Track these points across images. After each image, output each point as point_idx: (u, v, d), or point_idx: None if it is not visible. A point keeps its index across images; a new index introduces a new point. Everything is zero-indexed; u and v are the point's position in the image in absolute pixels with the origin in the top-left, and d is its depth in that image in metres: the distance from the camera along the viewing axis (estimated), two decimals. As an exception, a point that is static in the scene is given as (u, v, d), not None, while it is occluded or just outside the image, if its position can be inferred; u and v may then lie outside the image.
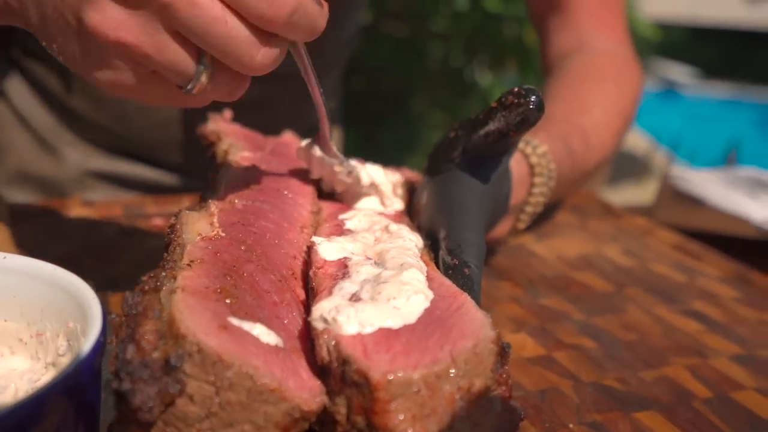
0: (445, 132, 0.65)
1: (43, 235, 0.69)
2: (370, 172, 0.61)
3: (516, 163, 0.66)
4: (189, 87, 0.44)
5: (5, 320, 0.43)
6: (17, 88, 0.95)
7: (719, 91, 11.35)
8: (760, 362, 0.63)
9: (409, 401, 0.37)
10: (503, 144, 0.58)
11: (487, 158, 0.59)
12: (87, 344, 0.35)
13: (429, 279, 0.46)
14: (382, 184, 0.62)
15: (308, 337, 0.43)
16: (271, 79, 0.95)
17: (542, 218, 0.92)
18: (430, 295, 0.43)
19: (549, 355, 0.61)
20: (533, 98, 0.52)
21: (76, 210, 0.76)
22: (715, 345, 0.66)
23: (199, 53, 0.43)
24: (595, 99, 0.81)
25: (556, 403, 0.54)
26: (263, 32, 0.42)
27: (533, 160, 0.68)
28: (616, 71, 0.87)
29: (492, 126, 0.55)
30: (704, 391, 0.58)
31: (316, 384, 0.39)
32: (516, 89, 0.54)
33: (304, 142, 0.61)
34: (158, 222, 0.76)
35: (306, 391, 0.38)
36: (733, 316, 0.72)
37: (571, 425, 0.51)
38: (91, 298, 0.39)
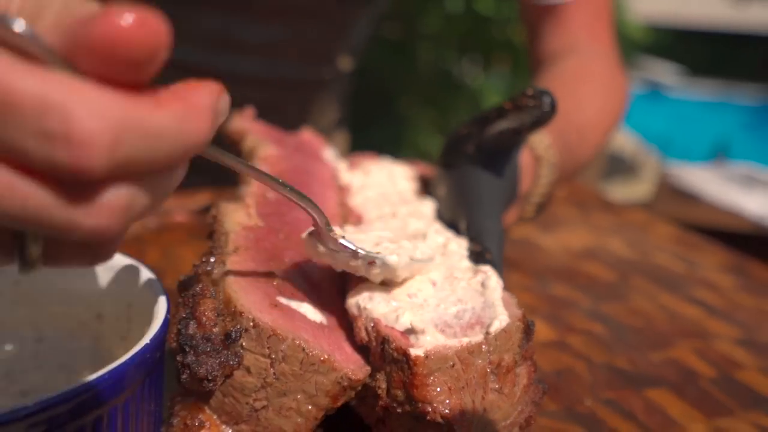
0: (456, 128, 0.68)
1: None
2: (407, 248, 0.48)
3: (522, 155, 0.70)
4: (20, 266, 0.29)
5: (66, 305, 0.46)
6: None
7: (705, 91, 11.48)
8: (760, 345, 0.67)
9: (445, 375, 0.40)
10: (515, 140, 0.61)
11: (499, 152, 0.62)
12: (157, 321, 0.38)
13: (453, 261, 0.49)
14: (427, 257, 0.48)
15: (345, 318, 0.46)
16: (276, 86, 0.98)
17: (545, 212, 0.96)
18: (460, 276, 0.46)
19: (561, 339, 0.64)
20: (547, 100, 0.55)
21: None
22: (717, 329, 0.69)
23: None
24: (589, 99, 0.85)
25: (572, 382, 0.57)
26: (82, 187, 0.26)
27: (539, 152, 0.71)
28: (607, 74, 0.90)
29: (505, 124, 0.59)
30: (709, 370, 0.61)
31: (359, 357, 0.42)
32: (530, 91, 0.57)
33: (305, 236, 0.46)
34: (179, 218, 0.79)
35: (352, 363, 0.41)
36: (732, 303, 0.75)
37: (587, 402, 0.55)
38: (152, 279, 0.42)
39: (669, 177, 1.10)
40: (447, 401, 0.39)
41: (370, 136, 3.70)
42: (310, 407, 0.40)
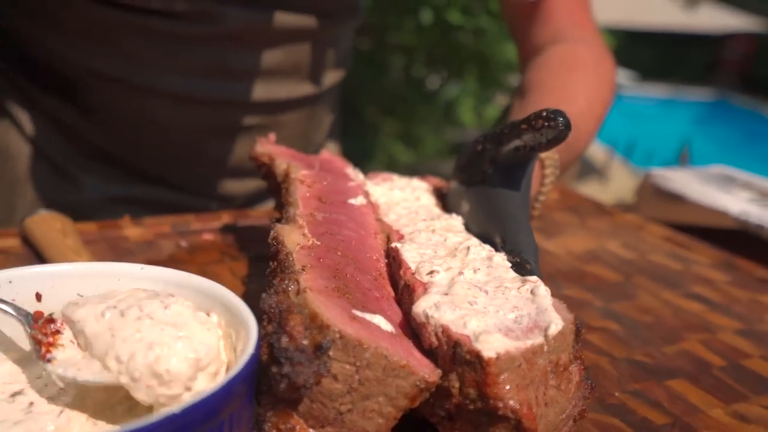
0: (468, 144, 0.72)
1: (111, 253, 0.75)
2: None
3: None
4: None
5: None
6: (32, 120, 0.98)
7: (656, 91, 11.83)
8: (760, 334, 0.73)
9: (513, 374, 0.44)
10: (531, 155, 0.66)
11: (516, 167, 0.67)
12: (252, 333, 0.42)
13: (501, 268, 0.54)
14: None
15: (407, 326, 0.50)
16: (271, 107, 1.01)
17: (545, 218, 1.01)
18: (509, 285, 0.51)
19: (583, 337, 0.69)
20: (561, 120, 0.60)
21: (129, 230, 0.81)
22: (719, 322, 0.75)
23: None
24: (579, 89, 0.89)
25: (600, 376, 0.62)
26: None
27: (543, 154, 0.76)
28: (594, 60, 0.94)
29: (520, 142, 0.63)
30: (719, 360, 0.67)
31: (428, 361, 0.46)
32: (544, 113, 0.60)
33: None
34: (208, 237, 0.82)
35: (425, 366, 0.45)
36: (729, 297, 0.82)
37: (617, 393, 0.60)
38: (232, 296, 0.46)
39: (651, 179, 1.16)
40: (516, 397, 0.44)
41: (344, 147, 3.74)
42: (390, 409, 0.44)
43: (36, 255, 0.71)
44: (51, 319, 0.45)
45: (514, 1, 1.00)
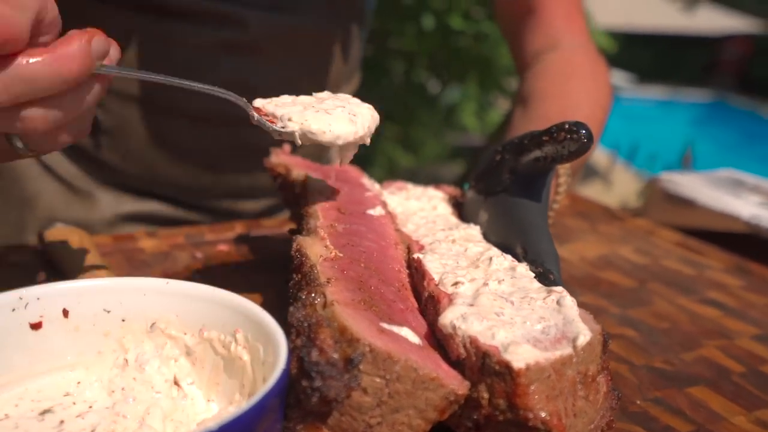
0: (486, 154, 0.73)
1: (127, 265, 0.75)
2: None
3: None
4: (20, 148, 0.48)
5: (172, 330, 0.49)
6: None
7: (655, 93, 11.85)
8: (777, 339, 0.73)
9: (543, 384, 0.44)
10: (551, 166, 0.66)
11: (535, 177, 0.67)
12: (281, 349, 0.42)
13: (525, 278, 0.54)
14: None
15: (432, 337, 0.50)
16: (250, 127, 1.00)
17: (556, 225, 1.01)
18: (535, 296, 0.51)
19: (601, 345, 0.69)
20: (584, 132, 0.60)
21: (144, 241, 0.81)
22: (736, 327, 0.75)
23: None
24: (581, 96, 0.90)
25: (621, 384, 0.62)
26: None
27: None
28: (591, 67, 0.95)
29: (541, 153, 0.63)
30: (738, 366, 0.67)
31: (456, 372, 0.46)
32: (566, 125, 0.60)
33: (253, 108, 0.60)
34: (222, 248, 0.82)
35: (453, 378, 0.45)
36: (743, 302, 0.82)
37: (638, 401, 0.60)
38: (259, 310, 0.46)
39: (660, 183, 1.16)
40: (545, 408, 0.44)
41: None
42: (419, 421, 0.44)
43: (50, 267, 0.71)
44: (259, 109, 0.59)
45: (509, 4, 1.00)
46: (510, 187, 0.67)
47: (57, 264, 0.69)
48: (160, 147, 0.96)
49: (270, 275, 0.76)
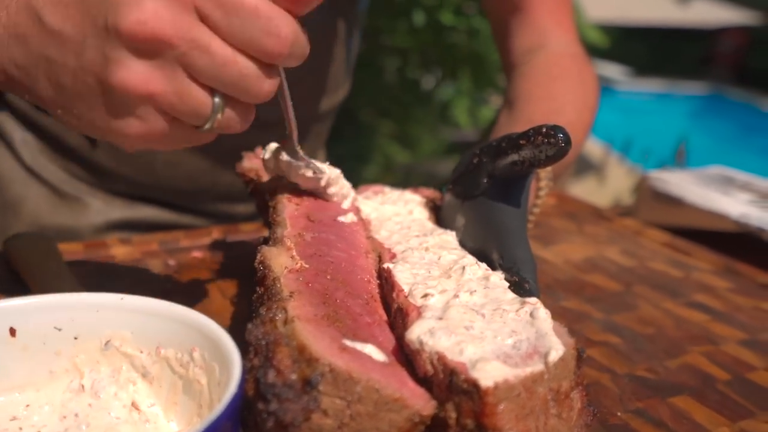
0: (464, 157, 0.70)
1: (97, 274, 0.72)
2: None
3: None
4: (207, 126, 0.48)
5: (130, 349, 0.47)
6: (28, 142, 0.94)
7: (651, 86, 11.82)
8: (765, 345, 0.71)
9: (512, 403, 0.42)
10: (529, 170, 0.64)
11: (513, 181, 0.65)
12: (235, 370, 0.39)
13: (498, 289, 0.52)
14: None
15: (400, 353, 0.48)
16: (253, 128, 0.97)
17: (542, 226, 0.99)
18: (507, 308, 0.49)
19: (583, 352, 0.67)
20: (562, 136, 0.58)
21: (116, 249, 0.79)
22: (722, 332, 0.73)
23: (212, 93, 0.47)
24: (567, 98, 0.88)
25: (602, 395, 0.60)
26: (268, 65, 0.47)
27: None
28: (578, 69, 0.94)
29: (518, 157, 0.61)
30: (723, 374, 0.65)
31: (422, 391, 0.44)
32: (543, 129, 0.58)
33: (269, 153, 0.65)
34: (197, 254, 0.80)
35: (419, 397, 0.43)
36: (731, 305, 0.80)
37: (618, 413, 0.58)
38: (216, 328, 0.44)
39: (649, 181, 1.14)
40: (514, 428, 0.42)
41: (335, 148, 3.72)
42: (383, 444, 0.42)
43: (12, 277, 0.69)
44: None
45: (495, 1, 0.98)
46: (487, 191, 0.64)
47: (20, 275, 0.67)
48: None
49: (245, 284, 0.74)
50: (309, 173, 0.63)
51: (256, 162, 0.74)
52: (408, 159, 4.37)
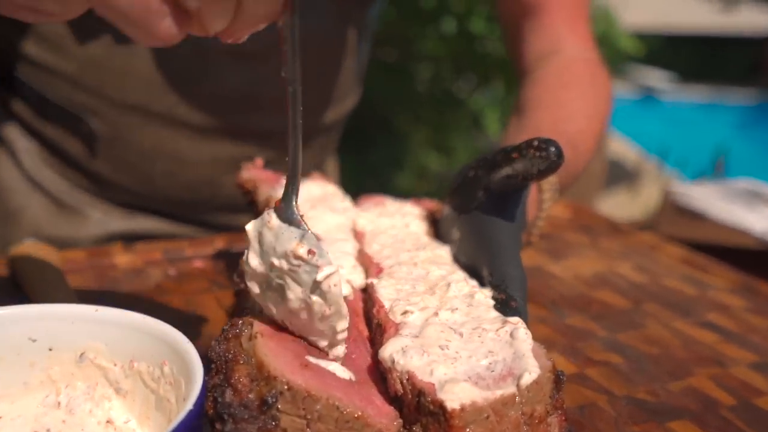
0: (462, 169, 0.69)
1: (96, 283, 0.73)
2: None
3: None
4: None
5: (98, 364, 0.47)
6: (30, 151, 0.94)
7: (697, 94, 11.58)
8: (776, 368, 0.68)
9: (480, 426, 0.41)
10: (523, 184, 0.62)
11: (509, 195, 0.63)
12: (194, 387, 0.39)
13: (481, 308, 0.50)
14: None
15: (376, 369, 0.47)
16: (252, 138, 0.96)
17: (553, 239, 0.97)
18: (488, 327, 0.48)
19: (581, 372, 0.65)
20: (553, 150, 0.56)
21: (119, 256, 0.80)
22: (733, 354, 0.70)
23: None
24: (577, 106, 0.86)
25: (596, 417, 0.58)
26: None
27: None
28: (591, 76, 0.91)
29: (511, 170, 0.59)
30: (728, 398, 0.62)
31: (390, 410, 0.43)
32: (535, 142, 0.57)
33: (252, 227, 0.48)
34: (198, 264, 0.80)
35: (384, 417, 0.42)
36: (745, 326, 0.76)
37: (612, 437, 0.56)
38: (185, 342, 0.43)
39: (672, 195, 1.11)
40: (482, 453, 0.40)
41: (370, 156, 3.73)
42: (346, 464, 0.41)
43: (15, 285, 0.70)
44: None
45: (509, 4, 0.97)
46: (482, 205, 0.63)
47: (20, 283, 0.68)
48: (157, 158, 0.93)
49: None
50: (301, 250, 0.43)
51: (254, 173, 0.74)
52: (443, 166, 4.36)
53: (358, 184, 0.81)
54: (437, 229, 0.71)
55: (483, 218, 0.63)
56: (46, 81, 0.90)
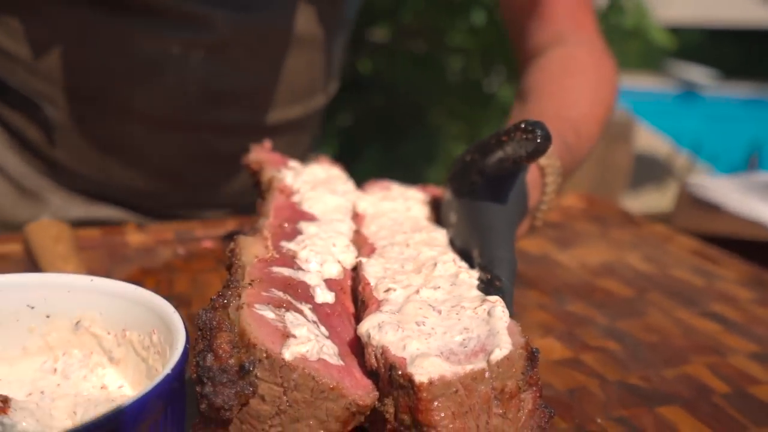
0: (461, 154, 0.70)
1: (108, 260, 0.76)
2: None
3: (527, 169, 0.70)
4: None
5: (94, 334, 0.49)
6: None
7: (739, 91, 11.30)
8: (776, 359, 0.68)
9: (449, 400, 0.42)
10: (516, 167, 0.62)
11: (504, 178, 0.63)
12: (176, 353, 0.41)
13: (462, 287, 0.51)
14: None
15: (358, 344, 0.48)
16: (255, 132, 0.95)
17: (565, 228, 0.97)
18: (467, 305, 0.48)
19: (576, 357, 0.66)
20: (540, 132, 0.56)
21: (132, 236, 0.82)
22: (733, 344, 0.70)
23: None
24: (581, 92, 0.85)
25: (585, 400, 0.59)
26: None
27: (542, 163, 0.72)
28: (594, 63, 0.90)
29: (503, 153, 0.60)
30: (723, 386, 0.62)
31: (368, 383, 0.45)
32: (522, 125, 0.57)
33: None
34: (207, 244, 0.82)
35: (360, 389, 0.43)
36: (750, 317, 0.76)
37: (599, 420, 0.56)
38: (172, 312, 0.45)
39: (689, 187, 1.10)
40: (451, 425, 0.41)
41: (403, 148, 3.73)
42: (321, 432, 0.43)
43: (29, 260, 0.73)
44: None
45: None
46: (477, 188, 0.64)
47: (32, 257, 0.71)
48: (113, 149, 0.93)
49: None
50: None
51: (261, 154, 0.75)
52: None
53: (390, 177, 0.82)
54: (439, 215, 0.72)
55: (477, 202, 0.63)
56: (4, 66, 0.89)
